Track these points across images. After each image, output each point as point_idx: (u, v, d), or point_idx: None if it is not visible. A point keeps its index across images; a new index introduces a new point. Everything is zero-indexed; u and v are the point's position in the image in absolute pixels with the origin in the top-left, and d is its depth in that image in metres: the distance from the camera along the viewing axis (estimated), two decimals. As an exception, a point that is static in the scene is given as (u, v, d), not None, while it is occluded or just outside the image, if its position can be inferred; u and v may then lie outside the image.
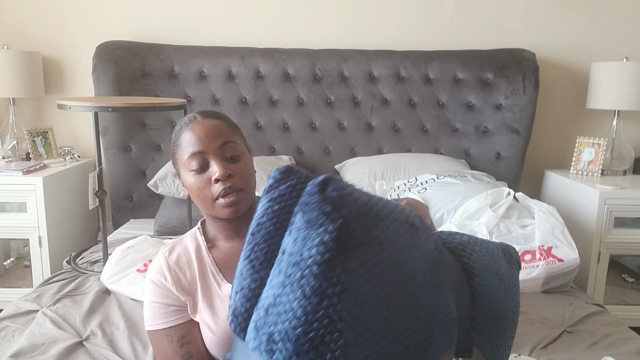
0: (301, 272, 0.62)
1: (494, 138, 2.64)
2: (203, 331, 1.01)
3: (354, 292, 0.61)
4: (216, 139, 1.00)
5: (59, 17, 2.63)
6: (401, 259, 0.66)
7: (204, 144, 1.00)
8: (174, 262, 1.04)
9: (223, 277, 1.04)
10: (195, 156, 1.00)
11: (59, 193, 2.38)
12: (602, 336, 1.49)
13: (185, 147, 1.01)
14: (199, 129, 1.01)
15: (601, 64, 2.55)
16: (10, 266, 2.55)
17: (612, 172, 2.60)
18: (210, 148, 1.00)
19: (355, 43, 2.65)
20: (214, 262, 1.05)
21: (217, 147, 1.00)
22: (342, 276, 0.61)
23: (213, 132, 1.01)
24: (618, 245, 2.31)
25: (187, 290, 1.03)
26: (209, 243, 1.08)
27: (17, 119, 2.59)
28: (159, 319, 1.02)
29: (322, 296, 0.60)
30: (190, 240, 1.09)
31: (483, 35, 2.70)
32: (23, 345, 1.34)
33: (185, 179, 1.03)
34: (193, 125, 1.02)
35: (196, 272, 1.04)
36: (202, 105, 2.57)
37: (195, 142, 1.00)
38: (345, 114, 2.61)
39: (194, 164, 1.00)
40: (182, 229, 2.17)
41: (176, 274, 1.03)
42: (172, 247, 1.08)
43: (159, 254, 1.07)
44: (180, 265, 1.04)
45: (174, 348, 1.00)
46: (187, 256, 1.06)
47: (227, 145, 1.01)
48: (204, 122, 1.02)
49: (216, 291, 1.02)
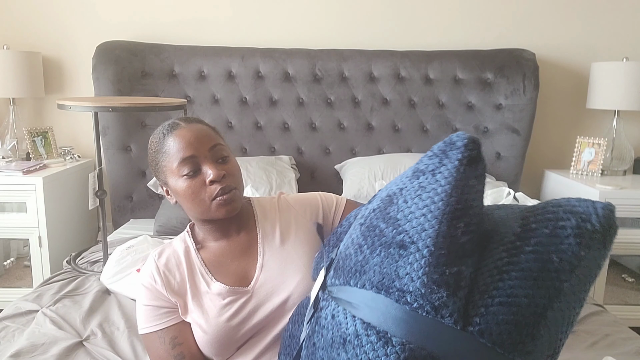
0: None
1: (494, 138, 2.64)
2: (195, 331, 1.02)
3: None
4: (205, 143, 1.01)
5: (59, 17, 2.63)
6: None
7: (195, 148, 1.00)
8: (164, 265, 1.06)
9: (212, 276, 1.05)
10: (187, 161, 1.00)
11: (59, 193, 2.38)
12: (602, 336, 1.49)
13: (174, 153, 1.00)
14: (186, 134, 1.01)
15: (601, 64, 2.55)
16: (10, 266, 2.55)
17: (612, 172, 2.60)
18: (201, 151, 1.00)
19: (355, 43, 2.65)
20: (203, 262, 1.06)
21: (207, 151, 1.01)
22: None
23: (201, 136, 1.02)
24: (618, 245, 2.31)
25: (177, 291, 1.04)
26: (198, 244, 1.10)
27: (17, 119, 2.59)
28: (151, 321, 1.04)
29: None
30: (179, 243, 1.10)
31: (483, 35, 2.70)
32: (23, 345, 1.34)
33: (175, 185, 1.02)
34: (178, 131, 1.02)
35: (185, 273, 1.05)
36: (202, 105, 2.57)
37: (184, 147, 1.00)
38: (345, 114, 2.61)
39: (186, 169, 1.00)
40: (182, 229, 2.14)
41: (166, 276, 1.05)
42: (162, 251, 1.10)
43: (149, 258, 1.09)
44: (170, 268, 1.06)
45: (167, 350, 1.01)
46: (176, 258, 1.07)
47: (215, 147, 1.02)
48: (189, 127, 1.03)
49: (206, 290, 1.03)
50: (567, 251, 0.64)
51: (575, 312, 0.68)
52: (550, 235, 0.66)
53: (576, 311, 0.68)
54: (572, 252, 0.64)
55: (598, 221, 0.65)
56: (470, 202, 0.68)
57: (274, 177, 2.32)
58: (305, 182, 2.58)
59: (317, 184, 2.65)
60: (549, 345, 0.65)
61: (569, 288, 0.64)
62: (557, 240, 0.65)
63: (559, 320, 0.65)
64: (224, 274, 1.05)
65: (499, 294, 0.63)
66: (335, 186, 2.59)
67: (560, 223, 0.66)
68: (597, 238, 0.65)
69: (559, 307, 0.64)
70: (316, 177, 2.66)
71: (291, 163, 2.54)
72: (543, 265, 0.64)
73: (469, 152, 0.70)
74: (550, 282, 0.63)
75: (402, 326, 0.64)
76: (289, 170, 2.43)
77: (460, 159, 0.70)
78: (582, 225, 0.65)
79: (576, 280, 0.65)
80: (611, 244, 0.67)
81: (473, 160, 0.71)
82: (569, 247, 0.64)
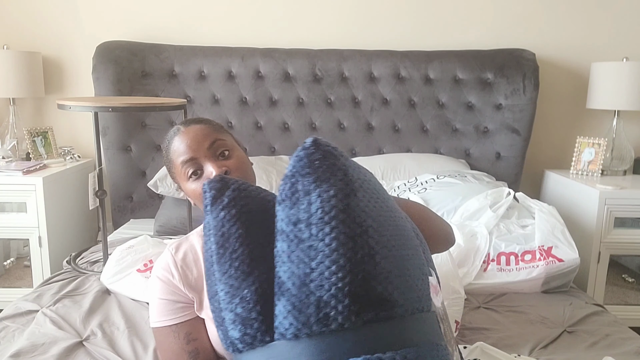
0: (329, 227, 0.67)
1: (494, 138, 2.64)
2: (209, 328, 1.02)
3: (372, 225, 0.70)
4: (203, 142, 1.03)
5: (59, 17, 2.63)
6: (384, 194, 0.79)
7: (193, 150, 1.02)
8: (181, 259, 1.05)
9: None
10: (188, 164, 1.02)
11: (59, 193, 2.38)
12: (602, 336, 1.49)
13: (176, 158, 1.04)
14: (184, 138, 1.04)
15: (601, 64, 2.55)
16: (10, 266, 2.55)
17: (612, 172, 2.60)
18: (200, 152, 1.02)
19: (355, 43, 2.65)
20: None
21: (206, 149, 1.03)
22: (362, 215, 0.70)
23: (198, 136, 1.04)
24: (618, 245, 2.31)
25: (194, 287, 1.03)
26: None
27: (17, 119, 2.59)
28: (165, 315, 1.02)
29: (355, 238, 0.68)
30: (196, 238, 1.09)
31: (483, 35, 2.70)
32: (23, 345, 1.34)
33: (186, 188, 1.06)
34: (178, 137, 1.05)
35: (203, 269, 1.04)
36: (202, 105, 2.57)
37: (183, 150, 1.03)
38: (345, 114, 2.61)
39: (189, 172, 1.03)
40: (182, 229, 2.17)
41: (183, 271, 1.04)
42: (179, 245, 1.08)
43: (165, 252, 1.08)
44: (187, 262, 1.05)
45: (181, 345, 1.00)
46: (193, 253, 1.06)
47: (215, 144, 1.04)
48: (187, 130, 1.05)
49: None
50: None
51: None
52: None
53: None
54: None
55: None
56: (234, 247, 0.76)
57: (274, 177, 2.32)
58: (305, 182, 2.57)
59: (317, 184, 2.64)
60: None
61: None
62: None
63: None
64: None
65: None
66: (335, 186, 2.58)
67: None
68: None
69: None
70: (316, 177, 2.66)
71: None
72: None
73: (209, 197, 0.79)
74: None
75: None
76: (289, 170, 2.43)
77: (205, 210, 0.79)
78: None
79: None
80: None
81: (214, 200, 0.78)
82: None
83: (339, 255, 0.67)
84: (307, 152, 0.73)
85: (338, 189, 0.70)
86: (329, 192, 0.69)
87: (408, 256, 0.75)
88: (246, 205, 0.77)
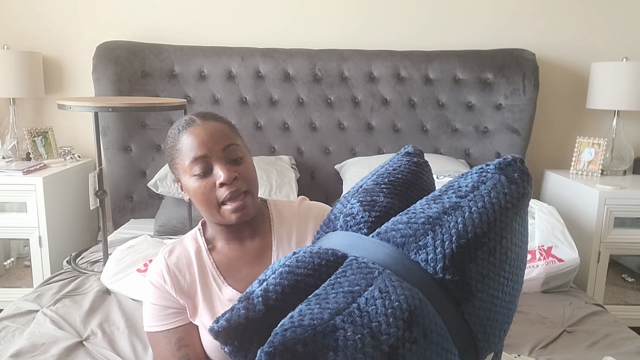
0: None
1: (494, 138, 2.64)
2: (202, 335, 1.01)
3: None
4: (219, 142, 0.97)
5: (59, 17, 2.63)
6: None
7: (207, 148, 0.96)
8: (174, 264, 1.03)
9: (224, 279, 1.02)
10: (198, 160, 0.96)
11: (59, 193, 2.38)
12: (602, 336, 1.50)
13: (187, 151, 0.97)
14: (200, 132, 0.97)
15: (601, 64, 2.55)
16: (10, 266, 2.55)
17: (612, 172, 2.60)
18: (214, 152, 0.96)
19: (355, 43, 2.65)
20: (215, 265, 1.03)
21: (220, 151, 0.97)
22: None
23: (215, 135, 0.98)
24: (618, 245, 2.31)
25: (186, 292, 1.02)
26: (210, 244, 1.06)
27: (17, 119, 2.59)
28: (157, 321, 1.02)
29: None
30: (190, 242, 1.07)
31: (483, 35, 2.70)
32: (23, 345, 1.34)
33: (187, 184, 0.99)
34: (193, 129, 0.98)
35: (196, 274, 1.02)
36: (202, 105, 2.57)
37: (197, 146, 0.96)
38: (345, 114, 2.61)
39: (197, 169, 0.96)
40: (182, 229, 2.17)
41: (175, 276, 1.02)
42: (172, 248, 1.06)
43: (159, 255, 1.05)
44: (180, 267, 1.03)
45: (172, 351, 1.00)
46: (187, 258, 1.04)
47: (230, 147, 0.98)
48: (204, 124, 0.99)
49: (217, 294, 1.01)
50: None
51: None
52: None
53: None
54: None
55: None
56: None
57: (274, 177, 2.32)
58: (305, 182, 2.58)
59: (317, 184, 2.65)
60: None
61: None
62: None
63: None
64: (235, 278, 1.02)
65: (404, 213, 0.81)
66: (335, 186, 2.59)
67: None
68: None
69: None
70: (316, 177, 2.66)
71: (291, 163, 2.54)
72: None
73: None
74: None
75: (346, 245, 0.82)
76: (289, 171, 2.43)
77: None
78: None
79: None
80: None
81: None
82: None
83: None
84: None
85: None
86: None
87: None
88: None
